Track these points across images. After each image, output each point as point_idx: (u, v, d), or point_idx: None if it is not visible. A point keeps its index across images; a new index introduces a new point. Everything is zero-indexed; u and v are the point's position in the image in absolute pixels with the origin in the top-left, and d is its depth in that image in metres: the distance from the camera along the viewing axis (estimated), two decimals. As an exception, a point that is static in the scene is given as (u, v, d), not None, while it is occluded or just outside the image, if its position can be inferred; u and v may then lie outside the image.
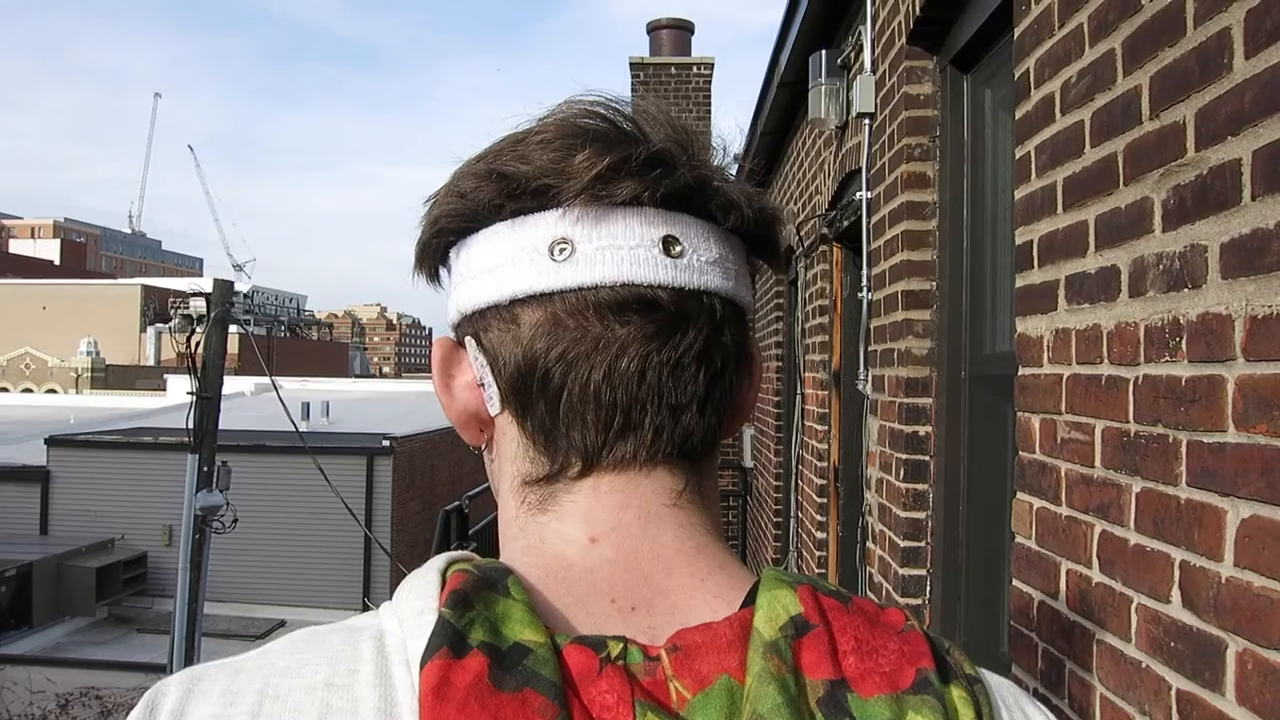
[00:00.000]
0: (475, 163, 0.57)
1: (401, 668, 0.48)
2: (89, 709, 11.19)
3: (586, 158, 0.53)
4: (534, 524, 0.56)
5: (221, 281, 8.19)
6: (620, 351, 0.53)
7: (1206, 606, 1.16)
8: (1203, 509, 1.18)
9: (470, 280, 0.57)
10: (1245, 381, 1.10)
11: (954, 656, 0.52)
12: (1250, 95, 1.09)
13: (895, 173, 2.83)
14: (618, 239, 0.54)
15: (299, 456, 11.34)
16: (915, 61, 2.75)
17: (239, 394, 22.00)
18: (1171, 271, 1.26)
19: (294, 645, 0.51)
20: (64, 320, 51.82)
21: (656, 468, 0.55)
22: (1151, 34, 1.32)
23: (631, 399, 0.54)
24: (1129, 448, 1.37)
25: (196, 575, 7.83)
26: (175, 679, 0.50)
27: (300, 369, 43.06)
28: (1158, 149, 1.30)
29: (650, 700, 0.47)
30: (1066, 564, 1.58)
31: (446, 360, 0.60)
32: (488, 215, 0.56)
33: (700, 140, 0.58)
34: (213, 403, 7.84)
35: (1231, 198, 1.13)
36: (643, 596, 0.53)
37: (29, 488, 15.76)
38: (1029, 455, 1.74)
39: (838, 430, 4.29)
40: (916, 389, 2.73)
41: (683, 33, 10.06)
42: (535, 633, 0.48)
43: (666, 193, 0.55)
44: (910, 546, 2.74)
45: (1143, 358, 1.34)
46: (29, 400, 32.91)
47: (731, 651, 0.49)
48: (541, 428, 0.56)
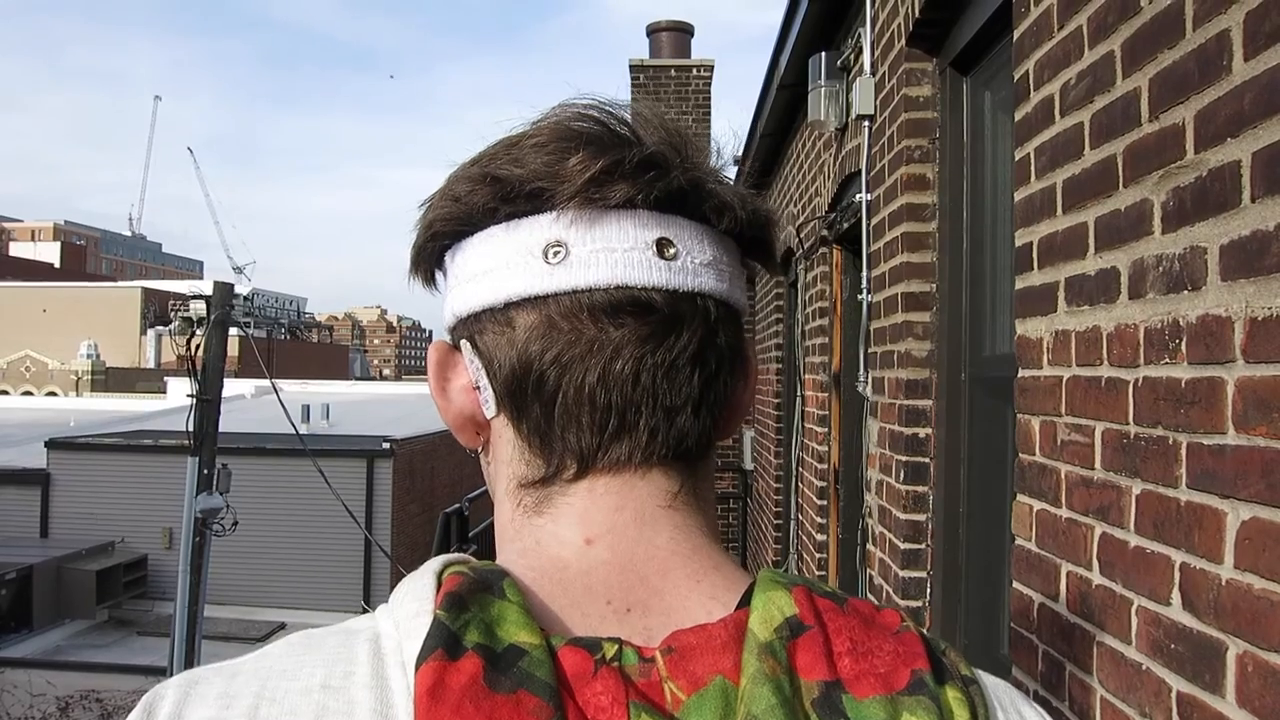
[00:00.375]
0: (469, 166, 0.57)
1: (397, 670, 0.48)
2: (89, 712, 11.19)
3: (580, 161, 0.53)
4: (530, 526, 0.56)
5: (221, 284, 8.21)
6: (615, 354, 0.53)
7: (1207, 609, 1.16)
8: (1203, 511, 1.18)
9: (465, 283, 0.57)
10: (1245, 383, 1.10)
11: (949, 658, 0.52)
12: (1250, 97, 1.09)
13: (895, 175, 2.83)
14: (611, 242, 0.54)
15: (299, 459, 11.36)
16: (915, 63, 2.75)
17: (239, 396, 22.02)
18: (1171, 273, 1.26)
19: (290, 648, 0.52)
20: (64, 323, 51.89)
21: (652, 470, 0.55)
22: (1151, 36, 1.32)
23: (626, 401, 0.54)
24: (1129, 450, 1.37)
25: (197, 578, 7.84)
26: (172, 682, 0.51)
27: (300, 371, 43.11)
28: (1157, 151, 1.30)
29: (645, 701, 0.47)
30: (1067, 566, 1.58)
31: (442, 363, 0.60)
32: (482, 219, 0.56)
33: (694, 143, 0.58)
34: (213, 405, 7.85)
35: (1231, 200, 1.13)
36: (638, 598, 0.53)
37: (29, 490, 15.77)
38: (1029, 457, 1.74)
39: (838, 432, 4.29)
40: (916, 391, 2.73)
41: (682, 35, 10.07)
42: (530, 634, 0.48)
43: (660, 195, 0.55)
44: (910, 549, 2.74)
45: (1142, 359, 1.34)
46: (29, 403, 32.94)
47: (726, 653, 0.49)
48: (537, 430, 0.56)
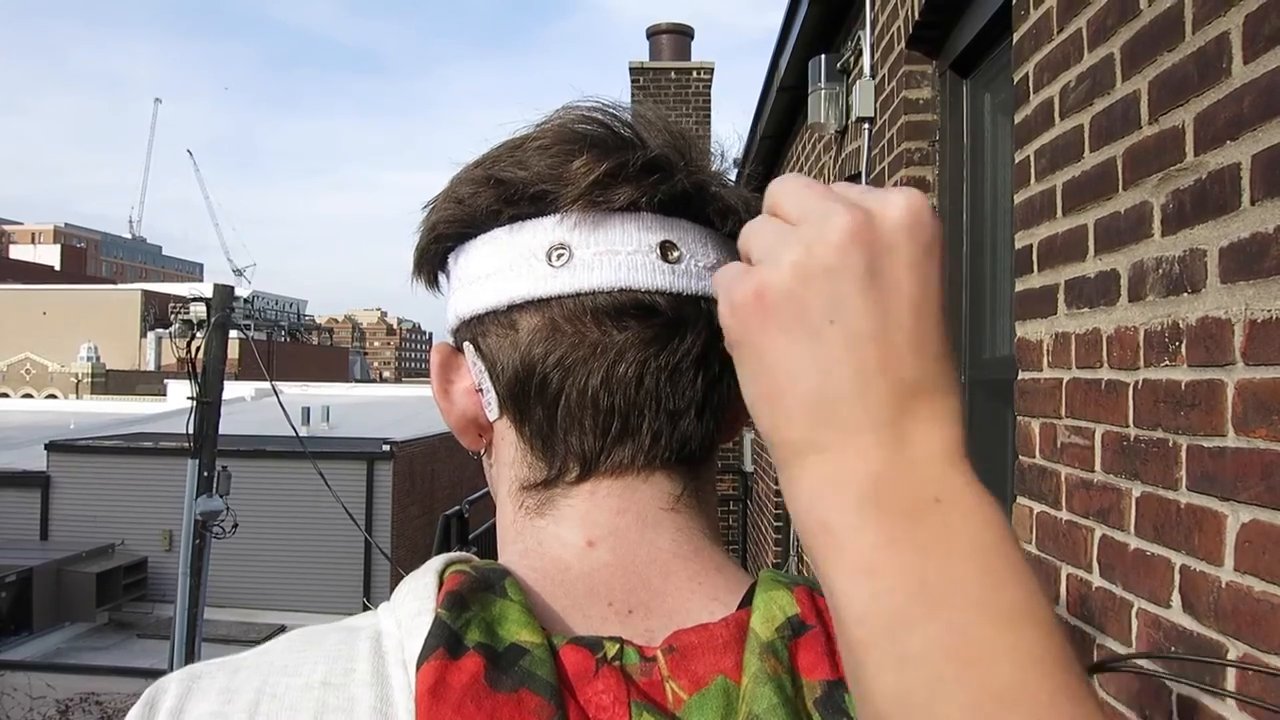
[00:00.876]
0: (473, 169, 0.58)
1: (398, 668, 0.49)
2: (89, 714, 11.17)
3: (584, 163, 0.53)
4: (532, 528, 0.56)
5: (221, 286, 8.20)
6: (618, 357, 0.53)
7: (1207, 611, 1.16)
8: (1203, 513, 1.18)
9: (468, 286, 0.57)
10: (1245, 386, 1.10)
11: None
12: (1249, 100, 1.09)
13: (895, 177, 2.83)
14: (615, 244, 0.54)
15: (299, 461, 11.35)
16: (915, 66, 2.75)
17: (239, 399, 22.01)
18: (1171, 276, 1.26)
19: (292, 644, 0.52)
20: (64, 325, 51.90)
21: (654, 473, 0.55)
22: (1150, 39, 1.33)
23: (629, 404, 0.54)
24: (1129, 452, 1.37)
25: (197, 580, 7.83)
26: (175, 676, 0.51)
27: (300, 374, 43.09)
28: (1157, 153, 1.31)
29: (646, 701, 0.47)
30: (1067, 568, 1.58)
31: (445, 365, 0.60)
32: (485, 221, 0.56)
33: (698, 145, 0.58)
34: (213, 408, 7.84)
35: (1231, 202, 1.13)
36: (640, 599, 0.53)
37: (29, 493, 15.76)
38: (1029, 459, 1.74)
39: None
40: (916, 393, 2.73)
41: (682, 38, 10.07)
42: (532, 634, 0.48)
43: (664, 198, 0.55)
44: (911, 551, 2.74)
45: (1142, 362, 1.34)
46: (29, 405, 32.93)
47: (728, 652, 0.49)
48: (539, 433, 0.56)
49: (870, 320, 0.38)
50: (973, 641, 0.34)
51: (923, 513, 0.37)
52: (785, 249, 0.40)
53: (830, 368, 0.38)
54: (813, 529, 0.38)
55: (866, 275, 0.39)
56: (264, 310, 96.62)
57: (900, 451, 0.38)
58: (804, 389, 0.39)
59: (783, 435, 0.40)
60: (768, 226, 0.42)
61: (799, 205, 0.41)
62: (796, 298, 0.39)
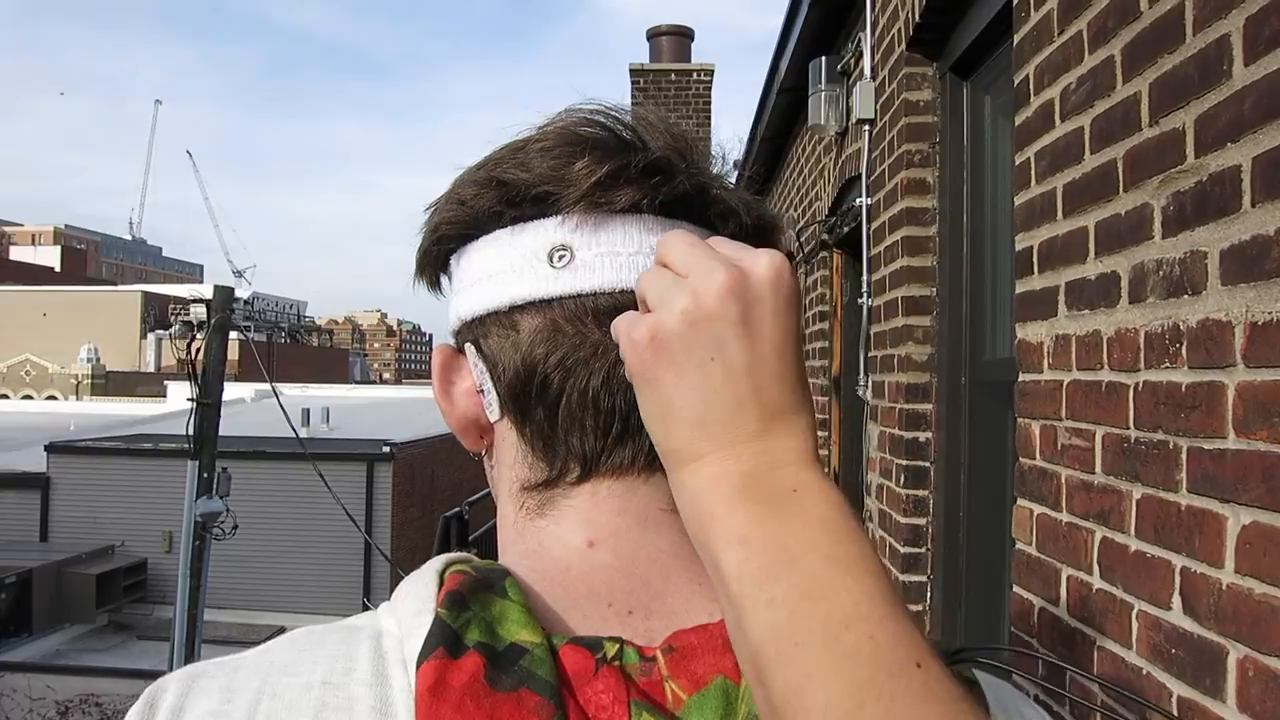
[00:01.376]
0: (475, 170, 0.58)
1: (398, 667, 0.49)
2: (89, 716, 11.16)
3: (586, 165, 0.54)
4: (532, 528, 0.56)
5: (222, 288, 8.20)
6: (619, 358, 0.54)
7: (1207, 613, 1.16)
8: (1203, 515, 1.18)
9: (470, 287, 0.57)
10: (1245, 388, 1.10)
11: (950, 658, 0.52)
12: (1250, 102, 1.10)
13: (895, 179, 2.83)
14: (616, 246, 0.54)
15: (299, 463, 11.34)
16: (915, 68, 2.75)
17: (239, 400, 22.00)
18: (1171, 278, 1.26)
19: (293, 644, 0.52)
20: (64, 327, 51.90)
21: (655, 473, 0.55)
22: (1151, 41, 1.33)
23: (630, 405, 0.54)
24: (1129, 454, 1.37)
25: (196, 582, 7.82)
26: (175, 676, 0.51)
27: (300, 375, 43.07)
28: (1157, 155, 1.31)
29: (646, 700, 0.47)
30: (1067, 570, 1.58)
31: (446, 366, 0.60)
32: (488, 222, 0.57)
33: (699, 148, 0.58)
34: (213, 409, 7.84)
35: (1231, 204, 1.13)
36: (640, 600, 0.53)
37: (29, 494, 15.75)
38: (1029, 461, 1.74)
39: (838, 436, 4.30)
40: (917, 395, 2.73)
41: (682, 39, 10.08)
42: (532, 633, 0.48)
43: (665, 200, 0.55)
44: (910, 552, 2.74)
45: (1143, 364, 1.34)
46: (29, 407, 32.94)
47: (727, 652, 0.49)
48: (540, 433, 0.56)
49: (743, 357, 0.47)
50: (822, 583, 0.43)
51: (783, 499, 0.45)
52: (676, 297, 0.48)
53: (711, 395, 0.47)
54: (698, 516, 0.47)
55: (740, 321, 0.47)
56: (264, 312, 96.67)
57: (764, 457, 0.47)
58: (691, 412, 0.47)
59: (674, 446, 0.48)
60: (662, 278, 0.49)
61: (686, 260, 0.49)
62: (685, 339, 0.47)
